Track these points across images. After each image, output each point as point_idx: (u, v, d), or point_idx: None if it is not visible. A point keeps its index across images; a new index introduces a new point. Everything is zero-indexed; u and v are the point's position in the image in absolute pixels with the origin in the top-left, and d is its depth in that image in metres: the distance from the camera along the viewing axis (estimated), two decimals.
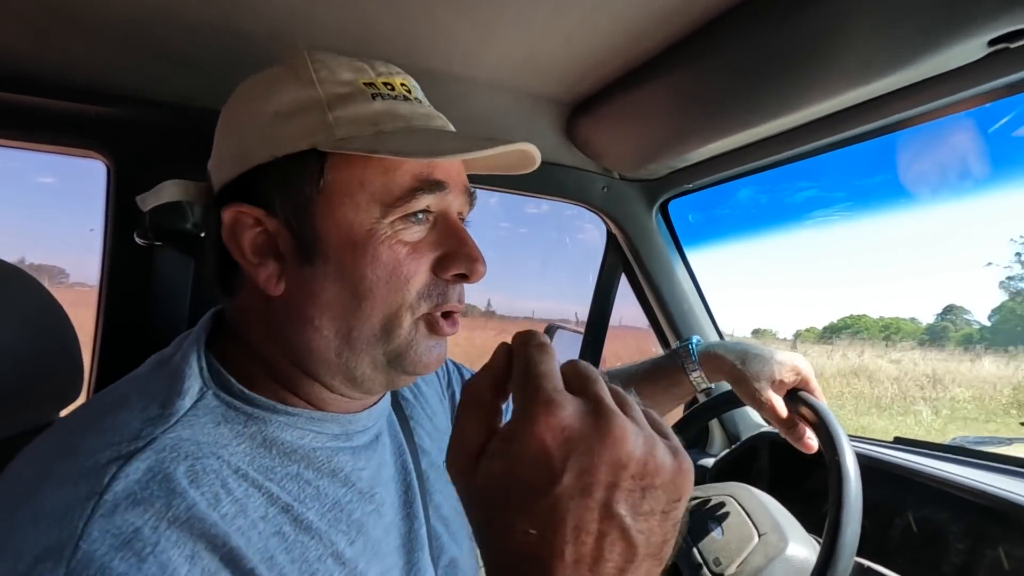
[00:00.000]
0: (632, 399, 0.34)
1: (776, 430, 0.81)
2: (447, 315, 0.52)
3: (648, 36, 0.73)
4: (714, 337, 1.30)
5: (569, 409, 0.31)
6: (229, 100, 0.53)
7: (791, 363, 0.79)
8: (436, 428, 0.70)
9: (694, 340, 0.89)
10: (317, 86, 0.49)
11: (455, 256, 0.51)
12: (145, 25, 0.72)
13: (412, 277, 0.49)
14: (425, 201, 0.49)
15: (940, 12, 0.56)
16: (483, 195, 0.59)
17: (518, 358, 0.34)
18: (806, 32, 0.63)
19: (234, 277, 0.53)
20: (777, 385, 0.78)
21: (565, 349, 1.50)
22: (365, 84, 0.50)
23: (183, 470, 0.41)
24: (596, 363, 1.41)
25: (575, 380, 0.33)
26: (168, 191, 0.54)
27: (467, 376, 0.82)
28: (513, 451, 0.31)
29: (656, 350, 1.39)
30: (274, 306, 0.50)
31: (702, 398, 1.31)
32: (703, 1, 0.65)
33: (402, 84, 0.52)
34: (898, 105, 0.71)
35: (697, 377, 0.86)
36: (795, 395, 0.77)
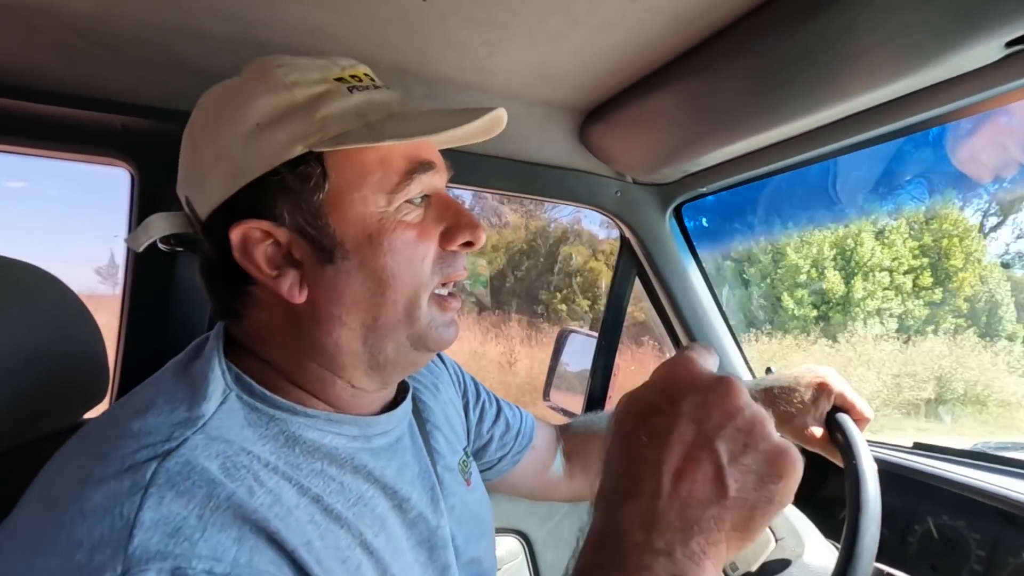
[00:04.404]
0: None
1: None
2: (450, 294, 0.56)
3: (661, 44, 0.74)
4: (729, 341, 1.29)
5: (701, 366, 0.39)
6: (194, 122, 0.53)
7: (816, 381, 0.74)
8: (452, 430, 0.71)
9: None
10: (291, 90, 0.49)
11: (458, 227, 0.54)
12: (168, 41, 0.74)
13: (426, 256, 0.52)
14: (420, 183, 0.52)
15: (957, 14, 0.55)
16: None
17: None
18: (820, 37, 0.63)
19: (239, 300, 0.52)
20: (817, 415, 0.73)
21: (579, 352, 1.49)
22: (336, 79, 0.51)
23: (216, 466, 0.42)
24: (610, 366, 1.41)
25: None
26: (157, 226, 0.54)
27: (479, 387, 0.83)
28: (651, 380, 0.40)
29: (670, 354, 1.39)
30: (297, 314, 0.51)
31: None
32: (715, 9, 0.65)
33: (366, 74, 0.54)
34: (914, 107, 0.70)
35: None
36: (832, 420, 0.72)
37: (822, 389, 0.73)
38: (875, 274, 7.48)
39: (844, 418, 0.71)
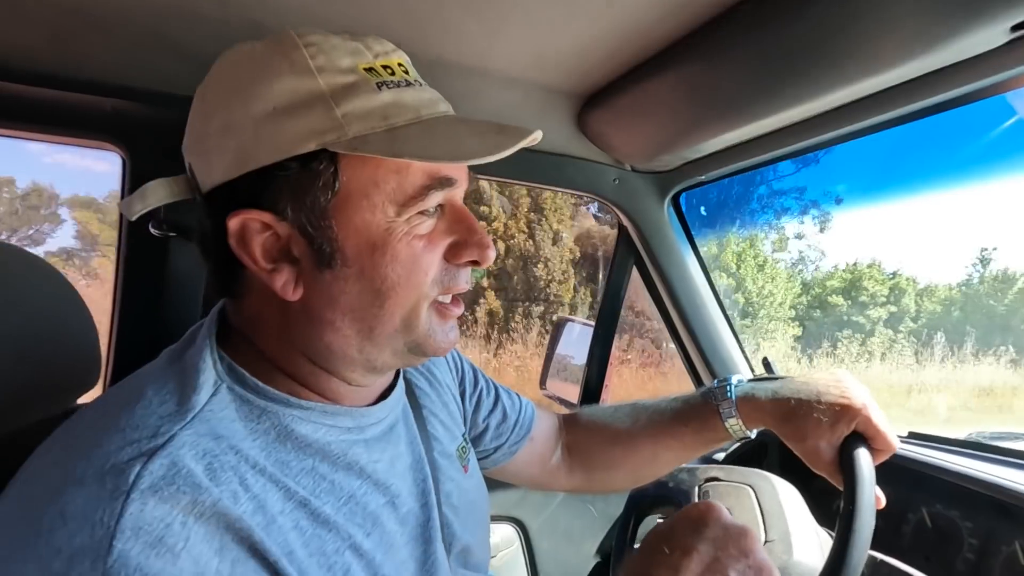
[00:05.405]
0: None
1: None
2: (453, 300, 0.53)
3: (659, 29, 0.72)
4: (725, 330, 1.29)
5: (727, 514, 0.47)
6: (208, 85, 0.49)
7: (840, 402, 0.65)
8: (450, 415, 0.71)
9: (732, 381, 0.77)
10: (317, 76, 0.45)
11: (467, 244, 0.51)
12: (160, 22, 0.73)
13: (430, 269, 0.50)
14: (437, 198, 0.49)
15: None
16: None
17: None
18: (822, 22, 0.62)
19: (237, 280, 0.51)
20: (832, 440, 0.65)
21: (575, 342, 1.49)
22: (366, 70, 0.47)
23: (202, 467, 0.41)
24: (606, 356, 1.41)
25: None
26: (155, 194, 0.50)
27: (479, 374, 0.82)
28: (678, 516, 0.47)
29: (668, 344, 1.38)
30: (290, 310, 0.49)
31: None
32: None
33: (399, 64, 0.49)
34: (918, 93, 0.69)
35: (734, 424, 0.75)
36: (846, 454, 0.63)
37: (844, 412, 0.65)
38: None
39: (860, 456, 0.62)
